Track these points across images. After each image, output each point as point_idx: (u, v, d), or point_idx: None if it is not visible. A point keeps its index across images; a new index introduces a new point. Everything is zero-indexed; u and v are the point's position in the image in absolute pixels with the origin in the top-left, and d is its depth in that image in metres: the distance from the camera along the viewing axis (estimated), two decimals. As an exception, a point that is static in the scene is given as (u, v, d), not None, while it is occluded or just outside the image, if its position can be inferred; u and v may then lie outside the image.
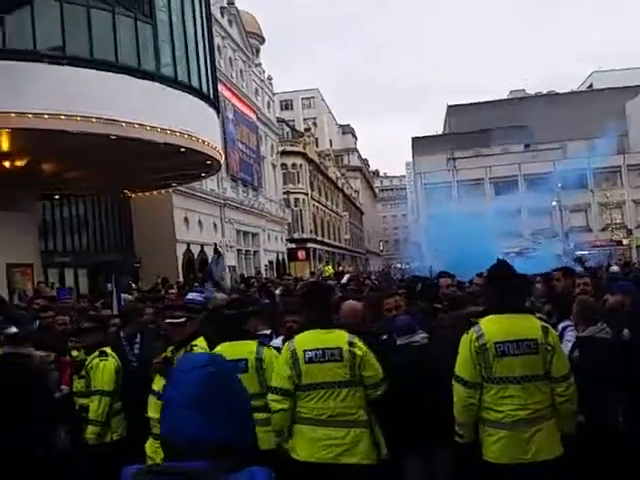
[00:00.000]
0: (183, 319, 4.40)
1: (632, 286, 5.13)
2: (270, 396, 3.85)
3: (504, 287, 3.74)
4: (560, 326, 4.78)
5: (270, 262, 35.64)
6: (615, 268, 11.61)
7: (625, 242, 43.80)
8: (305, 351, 3.78)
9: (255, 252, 33.78)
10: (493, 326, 3.63)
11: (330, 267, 35.22)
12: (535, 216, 38.68)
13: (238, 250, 30.57)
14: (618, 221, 44.43)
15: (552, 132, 48.18)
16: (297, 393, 3.80)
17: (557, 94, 62.91)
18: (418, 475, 4.08)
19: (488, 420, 3.58)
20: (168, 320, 4.60)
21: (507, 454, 3.50)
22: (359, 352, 3.77)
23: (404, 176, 67.25)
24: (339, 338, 3.82)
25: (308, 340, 3.85)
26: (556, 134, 48.01)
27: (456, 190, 49.29)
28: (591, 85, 64.22)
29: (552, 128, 48.01)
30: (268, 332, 5.11)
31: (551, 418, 3.59)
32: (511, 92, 68.75)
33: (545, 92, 66.63)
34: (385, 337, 4.43)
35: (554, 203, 39.81)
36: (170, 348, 4.38)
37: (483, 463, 3.60)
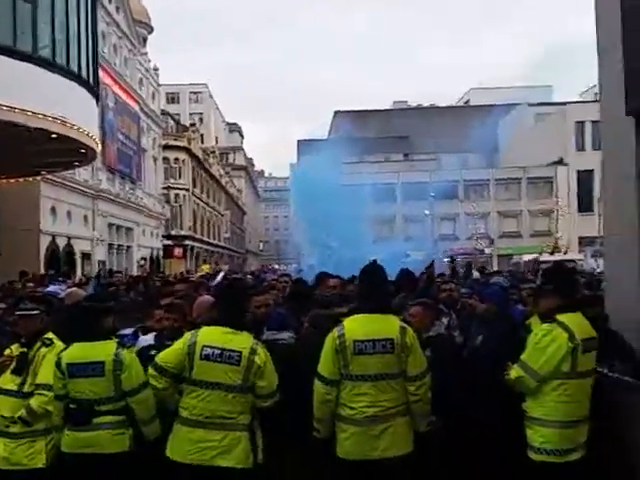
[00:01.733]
0: (35, 312, 4.08)
1: (496, 293, 5.34)
2: (151, 371, 3.76)
3: (369, 288, 3.86)
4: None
5: (143, 258, 34.41)
6: (476, 274, 12.35)
7: (487, 251, 46.85)
8: (204, 346, 3.65)
9: (128, 247, 32.52)
10: (354, 325, 3.71)
11: (207, 266, 34.67)
12: (410, 223, 40.52)
13: (109, 244, 29.26)
14: (482, 231, 47.44)
15: (430, 144, 50.62)
16: (184, 385, 3.71)
17: (436, 107, 66.20)
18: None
19: (342, 417, 3.66)
20: (18, 312, 4.23)
21: (357, 450, 3.58)
22: (258, 360, 3.66)
23: (288, 178, 67.72)
24: (242, 342, 3.69)
25: (210, 336, 3.71)
26: (433, 146, 50.48)
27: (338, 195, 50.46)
28: (468, 101, 68.16)
29: (430, 140, 50.43)
30: (129, 332, 4.81)
31: (405, 415, 3.70)
32: (394, 102, 71.44)
33: (426, 105, 69.90)
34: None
35: (427, 212, 41.75)
36: (15, 345, 4.02)
37: (337, 460, 3.65)
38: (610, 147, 5.57)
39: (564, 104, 49.07)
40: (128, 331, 4.75)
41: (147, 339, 4.59)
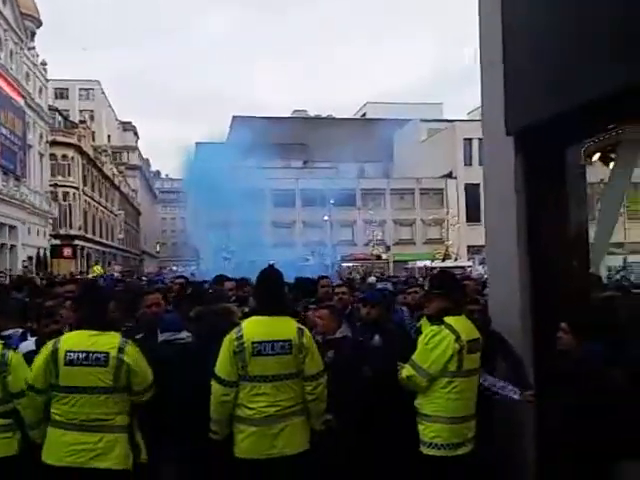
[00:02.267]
0: None
1: (380, 297, 5.59)
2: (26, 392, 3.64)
3: (267, 290, 3.94)
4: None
5: (30, 258, 32.48)
6: (372, 279, 12.75)
7: (384, 257, 48.36)
8: (67, 352, 3.55)
9: (12, 246, 30.59)
10: (253, 326, 3.76)
11: (99, 267, 33.29)
12: (309, 228, 41.05)
13: (-8, 243, 27.40)
14: (379, 238, 48.93)
15: (328, 152, 51.50)
16: (53, 393, 3.59)
17: (335, 119, 67.55)
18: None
19: (240, 417, 3.70)
20: None
21: (256, 449, 3.64)
22: (127, 359, 3.60)
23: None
24: (108, 342, 3.61)
25: (74, 341, 3.61)
26: (331, 155, 51.42)
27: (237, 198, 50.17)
28: (364, 114, 70.10)
29: (328, 149, 51.32)
30: (18, 332, 4.57)
31: (302, 414, 3.80)
32: (294, 111, 72.13)
33: (324, 115, 71.14)
34: (140, 335, 4.28)
35: (326, 218, 42.47)
36: None
37: (235, 460, 3.68)
38: (491, 163, 5.83)
39: (453, 121, 51.75)
40: (12, 332, 4.50)
41: (28, 344, 4.37)
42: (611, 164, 5.32)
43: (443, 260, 40.46)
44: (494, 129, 5.49)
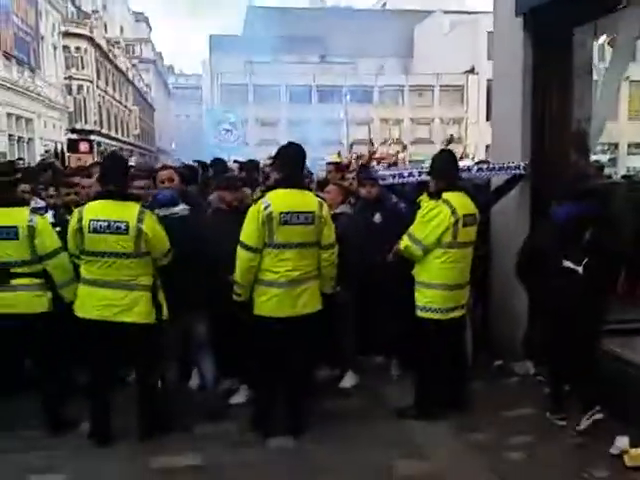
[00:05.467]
0: None
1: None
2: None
3: (289, 165, 4.12)
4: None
5: (47, 152, 32.69)
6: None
7: (401, 156, 47.92)
8: (91, 220, 3.84)
9: (30, 139, 30.75)
10: (278, 199, 4.00)
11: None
12: (325, 126, 40.57)
13: (9, 136, 27.58)
14: (396, 137, 48.31)
15: (346, 46, 49.90)
16: (82, 257, 3.95)
17: (353, 9, 64.71)
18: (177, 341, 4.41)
19: (264, 281, 4.03)
20: None
21: (280, 308, 4.01)
22: (145, 228, 3.89)
23: (201, 75, 65.03)
24: (128, 212, 3.89)
25: (97, 210, 3.90)
26: (349, 49, 49.85)
27: (252, 94, 49.37)
28: (384, 4, 67.00)
29: (346, 42, 49.68)
30: (42, 204, 4.91)
31: (317, 279, 4.18)
32: (311, 1, 69.12)
33: (342, 6, 68.11)
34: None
35: (342, 115, 41.83)
36: None
37: (256, 318, 4.05)
38: (499, 45, 5.86)
39: (477, 13, 49.35)
40: (41, 204, 4.85)
41: (47, 217, 4.68)
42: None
43: (460, 159, 40.09)
44: (504, 11, 5.49)
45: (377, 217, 5.29)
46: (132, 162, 30.22)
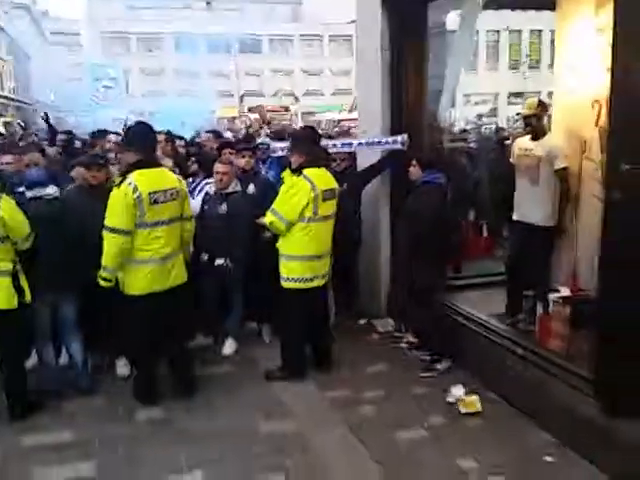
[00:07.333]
0: None
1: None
2: None
3: (144, 147, 4.23)
4: (204, 182, 5.63)
5: None
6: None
7: (292, 108, 47.68)
8: None
9: None
10: (143, 180, 4.09)
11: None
12: (214, 77, 39.48)
13: None
14: (287, 88, 47.86)
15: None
16: None
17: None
18: (46, 321, 4.45)
19: (137, 259, 4.15)
20: None
21: (156, 283, 4.20)
22: (3, 213, 3.90)
23: (78, 20, 60.79)
24: None
25: None
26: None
27: (135, 42, 46.93)
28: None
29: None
30: None
31: (181, 251, 4.45)
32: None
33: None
34: (21, 189, 4.48)
35: (231, 67, 40.84)
36: None
37: (129, 298, 4.20)
38: (360, 21, 6.22)
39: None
40: None
41: None
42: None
43: (350, 111, 40.43)
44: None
45: (251, 188, 5.49)
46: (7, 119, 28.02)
